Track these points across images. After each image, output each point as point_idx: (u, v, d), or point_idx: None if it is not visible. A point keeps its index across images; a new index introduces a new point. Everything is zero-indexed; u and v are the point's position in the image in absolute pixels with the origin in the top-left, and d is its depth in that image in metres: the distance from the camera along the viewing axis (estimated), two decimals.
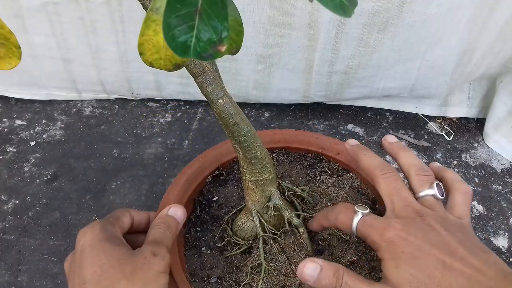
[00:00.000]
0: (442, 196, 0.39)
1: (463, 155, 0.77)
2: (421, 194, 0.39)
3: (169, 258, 0.39)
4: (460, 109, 0.83)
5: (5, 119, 0.80)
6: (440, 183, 0.40)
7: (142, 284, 0.36)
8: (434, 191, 0.39)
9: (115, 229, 0.41)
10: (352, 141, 0.47)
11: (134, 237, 0.44)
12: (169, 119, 0.81)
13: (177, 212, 0.44)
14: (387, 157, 0.75)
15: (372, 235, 0.36)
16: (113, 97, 0.84)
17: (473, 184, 0.72)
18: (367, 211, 0.38)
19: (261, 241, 0.45)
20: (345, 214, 0.39)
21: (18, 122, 0.79)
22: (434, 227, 0.35)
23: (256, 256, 0.46)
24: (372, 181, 0.42)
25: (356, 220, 0.38)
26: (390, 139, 0.46)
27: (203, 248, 0.48)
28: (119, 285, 0.35)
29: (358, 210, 0.38)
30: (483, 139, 0.80)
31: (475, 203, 0.69)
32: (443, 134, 0.80)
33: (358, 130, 0.80)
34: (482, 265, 0.32)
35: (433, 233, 0.34)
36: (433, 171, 0.43)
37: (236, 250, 0.47)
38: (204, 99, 0.59)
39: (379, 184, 0.40)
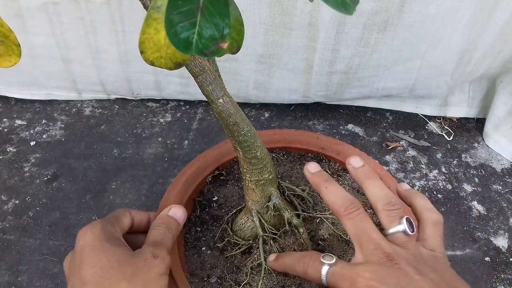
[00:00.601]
0: (413, 232, 0.36)
1: (463, 155, 0.77)
2: (391, 231, 0.36)
3: (169, 260, 0.39)
4: (460, 109, 0.83)
5: (5, 119, 0.80)
6: (410, 218, 0.37)
7: (142, 286, 0.35)
8: (404, 227, 0.36)
9: (115, 229, 0.40)
10: (312, 167, 0.42)
11: (134, 237, 0.44)
12: (169, 119, 0.81)
13: (177, 212, 0.44)
14: (387, 156, 0.75)
15: (343, 285, 0.34)
16: (113, 97, 0.84)
17: (473, 184, 0.72)
18: (334, 260, 0.36)
19: (261, 241, 0.45)
20: (313, 267, 0.37)
21: (18, 122, 0.79)
22: (407, 272, 0.33)
23: (256, 256, 0.46)
24: (337, 219, 0.39)
25: (324, 272, 0.36)
26: (354, 163, 0.41)
27: (203, 248, 0.48)
28: (119, 287, 0.35)
29: (324, 261, 0.36)
30: (483, 139, 0.80)
31: (475, 203, 0.69)
32: (443, 134, 0.80)
33: (358, 130, 0.80)
34: None
35: (406, 280, 0.32)
36: (402, 196, 0.41)
37: (236, 250, 0.47)
38: (204, 99, 0.59)
39: (345, 224, 0.37)
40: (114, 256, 0.37)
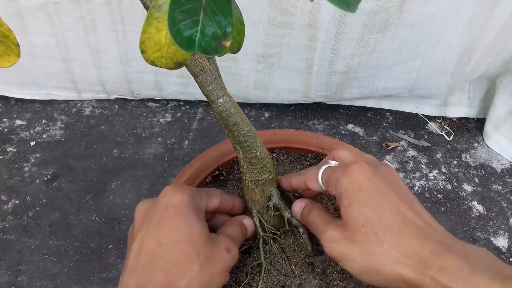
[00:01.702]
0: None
1: (463, 155, 0.77)
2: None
3: (237, 259, 0.39)
4: (460, 109, 0.83)
5: (5, 119, 0.80)
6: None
7: (210, 275, 0.35)
8: (331, 162, 0.40)
9: (201, 202, 0.40)
10: (298, 206, 0.44)
11: (216, 217, 0.45)
12: (169, 119, 0.81)
13: (249, 225, 0.44)
14: (387, 156, 0.75)
15: (336, 173, 0.36)
16: (113, 97, 0.84)
17: (473, 184, 0.72)
18: (336, 163, 0.39)
19: (261, 241, 0.45)
20: (313, 170, 0.40)
21: (18, 122, 0.79)
22: (396, 177, 0.36)
23: (256, 256, 0.46)
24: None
25: (323, 168, 0.39)
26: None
27: None
28: (192, 267, 0.34)
29: (329, 161, 0.40)
30: (483, 139, 0.80)
31: (475, 203, 0.69)
32: (443, 134, 0.80)
33: (358, 130, 0.80)
34: (432, 221, 0.34)
35: (395, 182, 0.35)
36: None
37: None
38: (204, 99, 0.59)
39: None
40: (196, 230, 0.36)
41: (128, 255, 0.36)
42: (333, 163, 0.39)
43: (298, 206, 0.42)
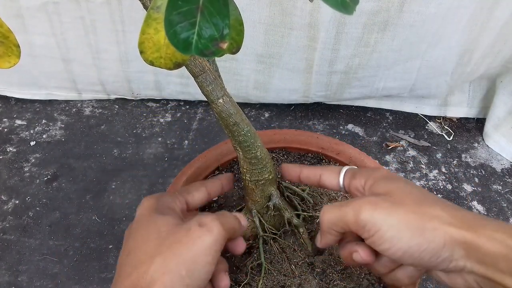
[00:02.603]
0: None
1: (463, 155, 0.77)
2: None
3: (219, 232, 0.33)
4: (460, 109, 0.83)
5: (5, 119, 0.80)
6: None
7: (181, 261, 0.30)
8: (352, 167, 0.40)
9: (174, 201, 0.38)
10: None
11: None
12: (169, 119, 0.81)
13: (243, 222, 0.39)
14: (387, 156, 0.75)
15: (362, 171, 0.37)
16: (113, 97, 0.84)
17: (473, 184, 0.72)
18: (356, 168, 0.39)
19: (261, 241, 0.45)
20: (334, 167, 0.40)
21: (18, 122, 0.79)
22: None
23: (256, 256, 0.46)
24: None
25: (345, 168, 0.39)
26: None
27: None
28: (154, 262, 0.31)
29: (349, 165, 0.40)
30: (483, 139, 0.80)
31: (475, 203, 0.69)
32: (443, 134, 0.80)
33: (358, 130, 0.80)
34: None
35: (411, 182, 0.37)
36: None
37: None
38: (204, 99, 0.59)
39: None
40: (157, 226, 0.33)
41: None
42: (352, 166, 0.40)
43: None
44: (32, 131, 0.77)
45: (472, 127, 0.82)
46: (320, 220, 0.36)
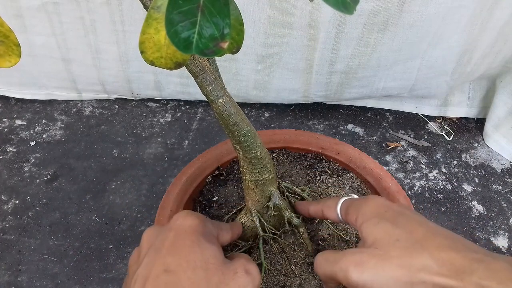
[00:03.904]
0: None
1: (463, 155, 0.77)
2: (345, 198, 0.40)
3: (259, 282, 0.34)
4: (460, 109, 0.83)
5: (5, 119, 0.80)
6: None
7: None
8: (352, 196, 0.40)
9: (215, 230, 0.38)
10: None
11: None
12: (169, 119, 0.81)
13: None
14: (387, 156, 0.75)
15: (355, 203, 0.36)
16: (113, 97, 0.84)
17: (473, 184, 0.72)
18: (356, 196, 0.39)
19: (261, 241, 0.45)
20: (332, 199, 0.40)
21: (18, 122, 0.79)
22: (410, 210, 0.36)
23: (256, 256, 0.46)
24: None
25: (342, 199, 0.39)
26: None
27: None
28: None
29: (349, 194, 0.40)
30: (483, 139, 0.80)
31: (475, 203, 0.69)
32: (443, 134, 0.80)
33: (358, 130, 0.80)
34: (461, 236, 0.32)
35: (410, 211, 0.35)
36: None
37: (236, 250, 0.46)
38: (204, 99, 0.59)
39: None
40: (207, 254, 0.33)
41: (132, 282, 0.33)
42: (354, 196, 0.40)
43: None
44: (32, 131, 0.77)
45: (472, 127, 0.82)
46: (315, 271, 0.36)
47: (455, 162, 0.75)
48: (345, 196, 0.40)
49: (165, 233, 0.35)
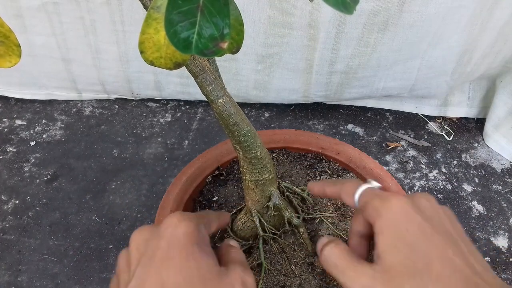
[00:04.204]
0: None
1: (463, 155, 0.77)
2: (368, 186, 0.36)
3: None
4: (460, 109, 0.83)
5: (5, 119, 0.80)
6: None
7: None
8: (372, 183, 0.36)
9: (206, 233, 0.36)
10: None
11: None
12: (169, 119, 0.81)
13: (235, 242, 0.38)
14: (387, 156, 0.75)
15: (375, 201, 0.33)
16: (113, 97, 0.84)
17: (473, 184, 0.72)
18: (379, 185, 0.35)
19: (261, 241, 0.45)
20: (352, 183, 0.36)
21: (18, 122, 0.79)
22: (439, 213, 0.32)
23: (256, 256, 0.46)
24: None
25: (363, 187, 0.35)
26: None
27: None
28: None
29: (371, 181, 0.35)
30: (483, 139, 0.80)
31: (475, 203, 0.69)
32: (443, 134, 0.80)
33: (358, 130, 0.80)
34: (480, 267, 0.30)
35: (436, 216, 0.32)
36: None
37: None
38: (204, 99, 0.59)
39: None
40: (203, 268, 0.32)
41: None
42: (374, 183, 0.36)
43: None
44: (32, 131, 0.77)
45: (472, 127, 0.82)
46: (320, 260, 0.35)
47: (455, 162, 0.75)
48: (366, 183, 0.36)
49: (157, 240, 0.33)
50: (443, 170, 0.74)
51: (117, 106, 0.83)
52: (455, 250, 0.30)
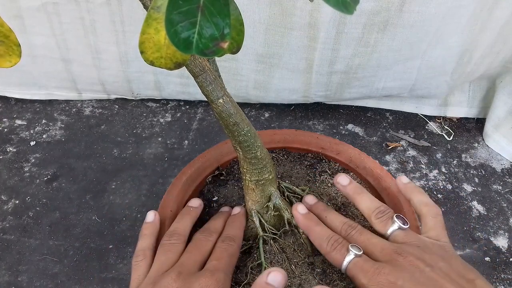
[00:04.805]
0: (407, 224, 0.39)
1: (463, 155, 0.77)
2: (389, 232, 0.39)
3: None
4: (460, 109, 0.83)
5: (5, 119, 0.80)
6: (399, 215, 0.40)
7: None
8: (397, 224, 0.39)
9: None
10: (309, 199, 0.47)
11: None
12: (169, 119, 0.81)
13: (277, 279, 0.36)
14: (387, 156, 0.75)
15: (361, 278, 0.36)
16: (113, 97, 0.84)
17: (473, 184, 0.72)
18: (361, 252, 0.38)
19: (261, 241, 0.45)
20: (339, 252, 0.39)
21: (18, 122, 0.79)
22: (417, 265, 0.35)
23: (256, 256, 0.46)
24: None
25: (348, 259, 0.38)
26: (342, 181, 0.46)
27: None
28: None
29: (352, 250, 0.38)
30: (483, 139, 0.80)
31: (475, 203, 0.69)
32: (443, 134, 0.80)
33: (358, 130, 0.80)
34: None
35: (418, 273, 0.34)
36: (401, 190, 0.44)
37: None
38: (204, 99, 0.59)
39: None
40: None
41: None
42: (357, 252, 0.38)
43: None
44: (32, 131, 0.77)
45: (472, 127, 0.82)
46: None
47: (455, 162, 0.75)
48: (349, 252, 0.38)
49: None
50: (443, 170, 0.74)
51: (117, 106, 0.83)
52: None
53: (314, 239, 0.42)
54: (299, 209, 0.45)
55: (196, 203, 0.48)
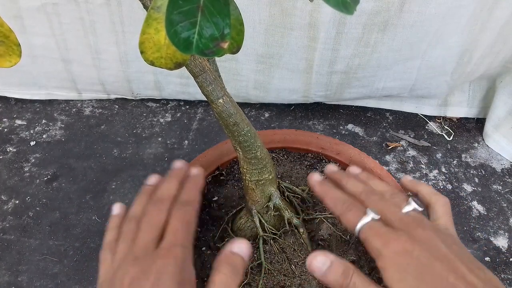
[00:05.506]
0: (422, 207, 0.38)
1: (463, 155, 0.77)
2: (404, 211, 0.38)
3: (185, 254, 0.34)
4: (460, 109, 0.83)
5: (5, 119, 0.80)
6: (415, 197, 0.39)
7: None
8: (414, 205, 0.38)
9: (191, 261, 0.36)
10: (331, 166, 0.45)
11: None
12: (169, 119, 0.81)
13: (242, 248, 0.36)
14: (387, 156, 0.75)
15: (375, 241, 0.35)
16: (113, 97, 0.84)
17: (473, 184, 0.72)
18: (378, 217, 0.36)
19: (261, 241, 0.45)
20: (355, 213, 0.37)
21: (18, 122, 0.79)
22: (435, 241, 0.34)
23: (256, 256, 0.46)
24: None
25: (364, 221, 0.36)
26: (354, 170, 0.44)
27: (203, 248, 0.48)
28: None
29: (371, 211, 0.36)
30: (483, 139, 0.80)
31: (475, 203, 0.69)
32: (443, 134, 0.80)
33: (358, 130, 0.80)
34: (482, 284, 0.32)
35: (434, 247, 0.34)
36: (407, 186, 0.43)
37: None
38: (204, 99, 0.59)
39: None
40: None
41: None
42: (374, 215, 0.37)
43: (322, 262, 0.36)
44: (32, 131, 0.77)
45: (472, 127, 0.82)
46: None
47: (455, 162, 0.75)
48: (367, 214, 0.36)
49: (148, 275, 0.33)
50: (443, 170, 0.74)
51: (117, 106, 0.83)
52: (456, 275, 0.32)
53: (328, 201, 0.40)
54: (315, 177, 0.42)
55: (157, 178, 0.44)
